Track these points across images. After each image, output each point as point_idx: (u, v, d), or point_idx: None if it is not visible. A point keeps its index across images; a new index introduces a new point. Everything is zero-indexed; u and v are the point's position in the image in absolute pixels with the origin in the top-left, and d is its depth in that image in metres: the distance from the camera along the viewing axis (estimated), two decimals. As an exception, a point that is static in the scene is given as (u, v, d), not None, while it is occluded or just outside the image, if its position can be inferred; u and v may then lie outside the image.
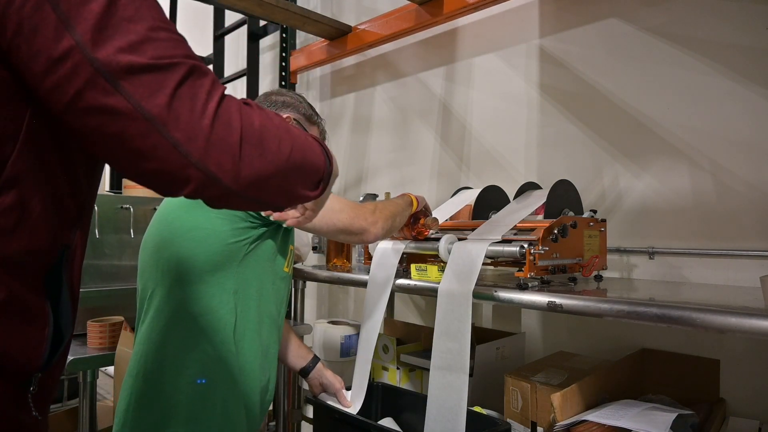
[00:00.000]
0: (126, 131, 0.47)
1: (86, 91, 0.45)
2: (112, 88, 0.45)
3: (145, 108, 0.46)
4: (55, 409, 1.97)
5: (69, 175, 0.55)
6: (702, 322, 0.80)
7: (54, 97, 0.46)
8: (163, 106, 0.47)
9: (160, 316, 1.11)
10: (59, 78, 0.45)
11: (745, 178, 1.28)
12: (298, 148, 0.61)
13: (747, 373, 1.24)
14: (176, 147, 0.48)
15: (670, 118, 1.40)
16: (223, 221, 1.10)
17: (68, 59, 0.45)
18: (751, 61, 1.27)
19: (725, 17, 1.31)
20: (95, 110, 0.46)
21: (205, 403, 1.07)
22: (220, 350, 1.09)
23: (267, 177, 0.55)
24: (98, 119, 0.46)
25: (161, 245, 1.15)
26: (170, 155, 0.48)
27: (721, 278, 1.30)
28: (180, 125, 0.48)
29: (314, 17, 2.10)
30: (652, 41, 1.43)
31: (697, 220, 1.34)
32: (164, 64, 0.48)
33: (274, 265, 1.18)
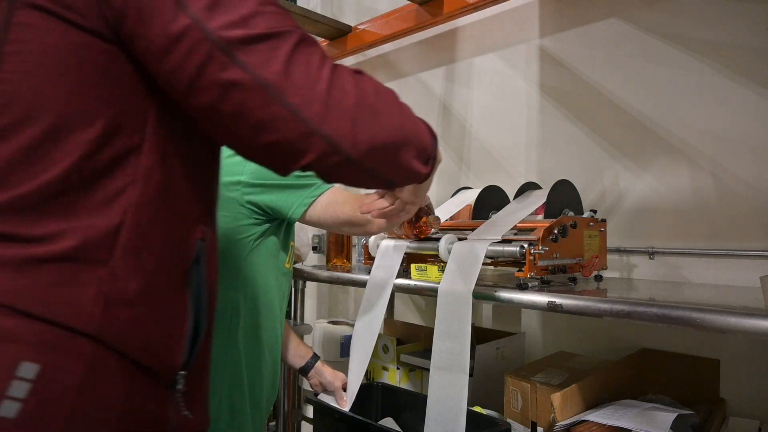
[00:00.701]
0: (246, 103, 0.48)
1: (206, 67, 0.46)
2: (229, 61, 0.46)
3: (262, 76, 0.47)
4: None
5: (196, 168, 0.57)
6: (702, 322, 0.80)
7: (175, 78, 0.48)
8: (279, 73, 0.48)
9: None
10: (179, 57, 0.46)
11: (746, 178, 1.28)
12: (408, 119, 0.60)
13: (747, 373, 1.24)
14: (295, 114, 0.48)
15: (670, 118, 1.40)
16: (228, 218, 1.10)
17: (186, 37, 0.46)
18: (751, 61, 1.27)
19: (725, 17, 1.31)
20: (215, 85, 0.47)
21: (212, 400, 1.07)
22: (225, 347, 1.10)
23: (383, 144, 0.54)
24: (218, 94, 0.47)
25: None
26: (289, 123, 0.48)
27: (721, 278, 1.29)
28: (297, 90, 0.48)
29: (314, 17, 2.10)
30: (652, 41, 1.43)
31: (697, 220, 1.34)
32: (276, 32, 0.48)
33: (278, 261, 1.19)
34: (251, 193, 1.10)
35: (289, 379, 1.90)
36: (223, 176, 1.11)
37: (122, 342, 0.49)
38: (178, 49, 0.46)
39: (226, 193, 1.10)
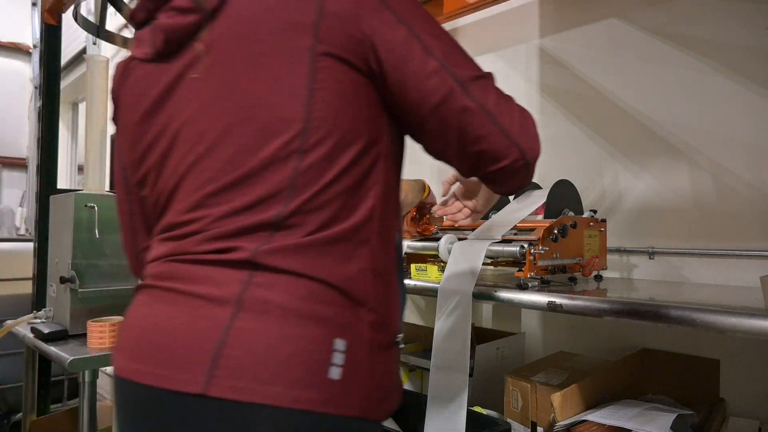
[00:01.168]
0: (471, 123, 0.64)
1: (449, 97, 0.63)
2: (465, 93, 0.63)
3: (486, 105, 0.64)
4: (55, 409, 1.97)
5: (399, 171, 0.72)
6: (702, 322, 0.80)
7: (421, 105, 0.63)
8: (493, 102, 0.65)
9: None
10: (427, 90, 0.62)
11: (746, 178, 1.28)
12: None
13: (747, 373, 1.24)
14: (503, 131, 0.65)
15: (670, 118, 1.40)
16: None
17: (435, 76, 0.62)
18: (751, 61, 1.27)
19: (725, 17, 1.31)
20: (454, 110, 0.63)
21: None
22: None
23: (539, 155, 0.69)
24: (454, 116, 0.64)
25: None
26: (499, 138, 0.65)
27: (721, 278, 1.29)
28: (504, 115, 0.65)
29: (314, 17, 2.09)
30: (652, 41, 1.43)
31: (697, 220, 1.34)
32: (485, 74, 0.67)
33: None
34: None
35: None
36: None
37: (378, 308, 0.62)
38: (427, 84, 0.62)
39: None
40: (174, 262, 0.61)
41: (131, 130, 0.68)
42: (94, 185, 1.68)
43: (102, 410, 1.50)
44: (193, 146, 0.61)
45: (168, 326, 0.57)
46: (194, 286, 0.57)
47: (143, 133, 0.66)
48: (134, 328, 0.62)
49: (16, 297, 2.40)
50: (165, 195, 0.65)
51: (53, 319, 1.61)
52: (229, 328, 0.54)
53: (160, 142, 0.65)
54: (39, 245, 1.87)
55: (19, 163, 6.38)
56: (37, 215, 1.88)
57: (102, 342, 1.40)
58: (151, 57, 0.65)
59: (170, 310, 0.58)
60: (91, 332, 1.41)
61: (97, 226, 1.52)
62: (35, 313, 1.70)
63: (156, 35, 0.64)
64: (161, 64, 0.64)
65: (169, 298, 0.59)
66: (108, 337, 1.41)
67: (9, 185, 6.46)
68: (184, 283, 0.59)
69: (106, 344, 1.40)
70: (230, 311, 0.55)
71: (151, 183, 0.67)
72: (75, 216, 1.50)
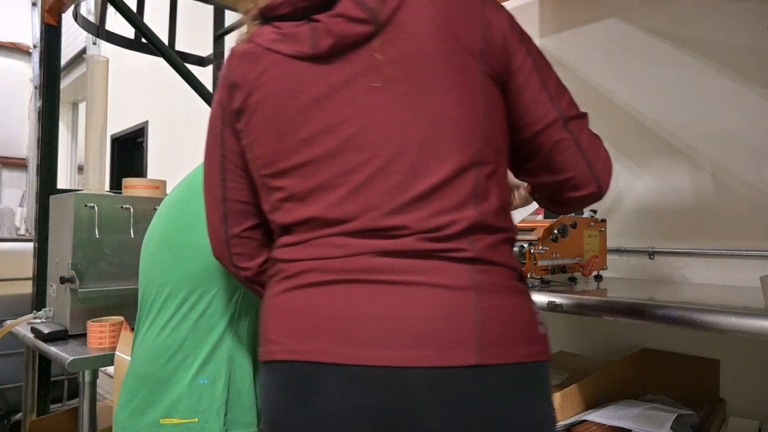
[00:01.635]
0: (562, 152, 0.73)
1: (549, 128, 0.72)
2: (564, 128, 0.73)
3: (579, 140, 0.74)
4: (55, 409, 1.97)
5: None
6: (702, 322, 0.80)
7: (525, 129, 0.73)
8: (586, 139, 0.74)
9: (170, 303, 1.12)
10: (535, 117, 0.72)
11: (745, 178, 1.28)
12: None
13: (747, 373, 1.24)
14: (589, 165, 0.74)
15: (669, 118, 1.40)
16: None
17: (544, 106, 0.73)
18: (751, 61, 1.27)
19: (725, 17, 1.31)
20: (550, 139, 0.73)
21: (216, 386, 1.09)
22: (234, 334, 1.11)
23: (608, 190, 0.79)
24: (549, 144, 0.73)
25: (174, 235, 1.15)
26: (583, 170, 0.74)
27: (721, 278, 1.29)
28: (592, 152, 0.74)
29: (314, 17, 2.09)
30: (652, 41, 1.43)
31: (697, 220, 1.34)
32: (582, 113, 0.76)
33: None
34: None
35: (289, 379, 1.90)
36: None
37: None
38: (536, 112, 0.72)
39: None
40: (388, 257, 0.65)
41: (278, 122, 0.69)
42: (94, 185, 1.68)
43: (102, 410, 1.50)
44: (379, 150, 0.66)
45: (420, 314, 0.62)
46: (427, 278, 0.64)
47: (298, 126, 0.68)
48: (346, 318, 0.63)
49: (16, 297, 2.40)
50: (327, 189, 0.67)
51: (53, 319, 1.61)
52: (479, 308, 0.63)
53: (322, 139, 0.67)
54: (39, 245, 1.87)
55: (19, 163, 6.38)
56: (37, 215, 1.88)
57: (102, 342, 1.40)
58: (305, 56, 0.67)
59: (411, 299, 0.63)
60: (91, 332, 1.41)
61: (97, 226, 1.52)
62: (35, 313, 1.70)
63: (320, 37, 0.66)
64: (319, 64, 0.67)
65: (401, 290, 0.63)
66: (108, 337, 1.40)
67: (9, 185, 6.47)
68: (413, 276, 0.64)
69: (106, 344, 1.40)
70: (472, 295, 0.63)
71: (303, 175, 0.69)
72: (75, 216, 1.50)
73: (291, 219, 0.70)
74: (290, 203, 0.70)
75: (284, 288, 0.70)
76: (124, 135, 4.76)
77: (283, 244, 0.72)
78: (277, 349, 0.67)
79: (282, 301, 0.69)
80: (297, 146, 0.69)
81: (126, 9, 2.15)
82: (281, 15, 0.70)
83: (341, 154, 0.67)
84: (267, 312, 0.71)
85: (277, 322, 0.68)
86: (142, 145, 4.45)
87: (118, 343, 1.37)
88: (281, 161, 0.70)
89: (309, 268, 0.68)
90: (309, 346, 0.64)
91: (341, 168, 0.67)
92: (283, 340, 0.67)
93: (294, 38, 0.68)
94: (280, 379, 0.66)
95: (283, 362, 0.66)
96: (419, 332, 0.61)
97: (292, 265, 0.70)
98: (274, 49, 0.69)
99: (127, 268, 1.60)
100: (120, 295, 1.57)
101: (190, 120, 3.61)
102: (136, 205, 1.60)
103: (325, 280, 0.66)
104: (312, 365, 0.63)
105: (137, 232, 1.60)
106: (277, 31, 0.70)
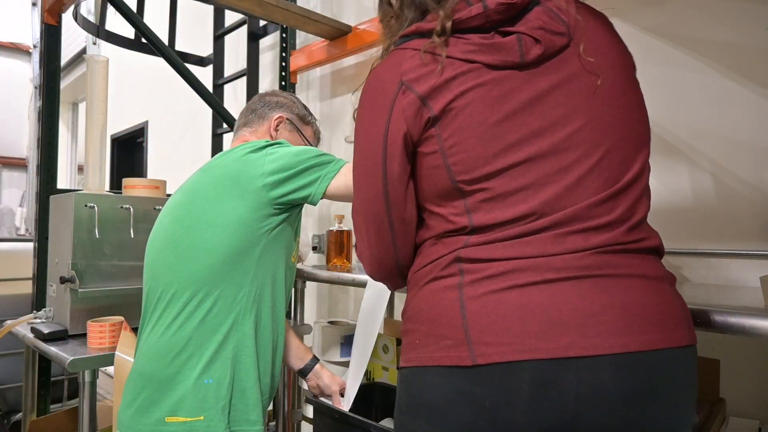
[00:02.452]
0: None
1: None
2: None
3: None
4: (55, 408, 1.97)
5: None
6: (702, 322, 0.80)
7: None
8: None
9: (174, 303, 1.12)
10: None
11: (745, 178, 1.28)
12: None
13: (747, 373, 1.24)
14: None
15: (669, 118, 1.40)
16: (249, 208, 1.11)
17: None
18: (751, 61, 1.27)
19: (725, 17, 1.31)
20: None
21: (222, 384, 1.09)
22: (238, 334, 1.12)
23: None
24: None
25: (180, 234, 1.15)
26: None
27: (721, 278, 1.30)
28: None
29: (314, 17, 2.10)
30: (651, 41, 1.43)
31: (697, 220, 1.34)
32: None
33: (290, 253, 1.21)
34: (274, 184, 1.12)
35: (289, 379, 1.90)
36: (247, 169, 1.12)
37: None
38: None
39: (249, 184, 1.12)
40: (607, 254, 0.70)
41: (485, 128, 0.72)
42: (94, 185, 1.68)
43: (102, 410, 1.50)
44: (591, 149, 0.71)
45: (646, 302, 0.69)
46: (637, 270, 0.71)
47: (508, 130, 0.71)
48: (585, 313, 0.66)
49: (16, 297, 2.40)
50: (540, 187, 0.71)
51: (53, 319, 1.61)
52: (675, 294, 0.73)
53: (535, 141, 0.71)
54: (39, 245, 1.87)
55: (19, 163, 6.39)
56: (37, 215, 1.88)
57: (102, 342, 1.40)
58: (512, 65, 0.72)
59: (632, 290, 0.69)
60: (90, 332, 1.41)
61: (97, 226, 1.52)
62: (35, 313, 1.70)
63: (528, 47, 0.71)
64: (525, 72, 0.72)
65: (621, 282, 0.69)
66: (108, 337, 1.41)
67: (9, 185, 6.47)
68: (627, 269, 0.70)
69: (106, 344, 1.40)
70: (667, 283, 0.73)
71: (512, 176, 0.71)
72: (75, 216, 1.50)
73: (494, 219, 0.71)
74: (494, 203, 0.72)
75: (492, 289, 0.69)
76: (124, 135, 4.76)
77: (474, 243, 0.72)
78: (502, 350, 0.66)
79: (495, 301, 0.68)
80: (506, 149, 0.71)
81: (126, 9, 2.15)
82: (471, 27, 0.73)
83: (554, 154, 0.71)
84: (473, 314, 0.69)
85: (496, 324, 0.67)
86: (142, 145, 4.45)
87: (118, 343, 1.37)
88: (488, 164, 0.71)
89: (522, 266, 0.69)
90: (547, 344, 0.65)
91: (555, 166, 0.71)
92: (511, 341, 0.66)
93: (498, 48, 0.72)
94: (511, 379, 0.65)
95: (517, 363, 0.65)
96: (649, 319, 0.68)
97: (492, 264, 0.70)
98: (472, 60, 0.72)
99: (127, 268, 1.60)
100: (120, 295, 1.57)
101: (190, 120, 3.61)
102: (136, 205, 1.60)
103: (548, 279, 0.68)
104: (556, 362, 0.65)
105: (137, 232, 1.60)
106: (471, 42, 0.73)
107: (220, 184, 1.14)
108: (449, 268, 0.73)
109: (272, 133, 1.33)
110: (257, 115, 1.34)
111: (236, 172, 1.13)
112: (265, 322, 1.16)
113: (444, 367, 0.69)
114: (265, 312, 1.16)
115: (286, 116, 1.34)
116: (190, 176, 1.25)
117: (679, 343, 0.69)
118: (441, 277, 0.73)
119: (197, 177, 1.22)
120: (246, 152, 1.15)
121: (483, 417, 0.66)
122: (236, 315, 1.12)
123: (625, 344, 0.66)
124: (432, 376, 0.70)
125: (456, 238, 0.74)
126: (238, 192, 1.12)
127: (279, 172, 1.12)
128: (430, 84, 0.73)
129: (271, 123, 1.32)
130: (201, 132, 3.24)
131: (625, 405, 0.66)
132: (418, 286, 0.77)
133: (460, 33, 0.74)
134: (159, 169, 4.12)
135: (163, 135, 4.13)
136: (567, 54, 0.73)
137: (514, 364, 0.65)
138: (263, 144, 1.17)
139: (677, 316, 0.70)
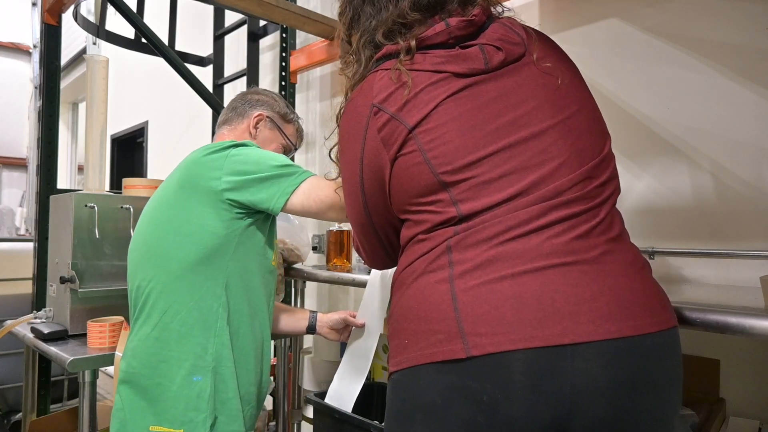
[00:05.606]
0: None
1: None
2: None
3: None
4: (55, 408, 1.97)
5: None
6: (702, 322, 0.80)
7: None
8: None
9: (153, 312, 1.12)
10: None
11: (745, 178, 1.28)
12: None
13: (747, 373, 1.24)
14: None
15: (670, 118, 1.40)
16: (212, 215, 1.11)
17: None
18: (751, 61, 1.27)
19: (725, 17, 1.31)
20: None
21: (202, 396, 1.08)
22: (215, 344, 1.10)
23: None
24: None
25: (152, 242, 1.16)
26: None
27: (721, 278, 1.29)
28: None
29: (314, 17, 2.10)
30: (652, 41, 1.43)
31: (697, 220, 1.34)
32: None
33: (264, 258, 1.19)
34: (231, 189, 1.10)
35: (289, 379, 1.90)
36: (205, 172, 1.12)
37: None
38: None
39: (208, 187, 1.11)
40: (587, 237, 0.72)
41: (460, 123, 0.75)
42: (94, 185, 1.68)
43: (102, 410, 1.50)
44: (567, 135, 0.76)
45: (632, 288, 0.71)
46: (620, 256, 0.73)
47: (485, 121, 0.75)
48: (576, 300, 0.67)
49: (16, 297, 2.40)
50: (522, 172, 0.73)
51: (53, 319, 1.61)
52: (654, 280, 0.75)
53: (511, 130, 0.75)
54: (39, 245, 1.86)
55: (19, 163, 6.39)
56: (37, 215, 1.87)
57: (102, 342, 1.40)
58: (478, 71, 0.77)
59: (618, 276, 0.70)
60: (90, 332, 1.41)
61: (97, 226, 1.52)
62: (35, 313, 1.70)
63: (492, 55, 0.78)
64: (487, 76, 0.78)
65: (606, 268, 0.71)
66: (108, 337, 1.40)
67: (9, 185, 6.47)
68: (610, 255, 0.72)
69: (106, 344, 1.40)
70: (647, 268, 0.76)
71: (494, 162, 0.74)
72: (75, 216, 1.50)
73: (482, 204, 0.72)
74: (480, 189, 0.73)
75: (484, 280, 0.69)
76: (124, 135, 4.76)
77: (464, 229, 0.72)
78: (496, 340, 0.65)
79: (488, 292, 0.68)
80: (485, 138, 0.74)
81: (126, 9, 2.15)
82: (436, 44, 0.80)
83: (533, 138, 0.75)
84: (465, 305, 0.69)
85: (489, 314, 0.67)
86: (142, 145, 4.45)
87: (118, 343, 1.37)
88: (469, 154, 0.74)
89: (511, 252, 0.70)
90: (542, 332, 0.65)
91: (535, 150, 0.74)
92: (505, 330, 0.66)
93: (464, 58, 0.78)
94: (507, 370, 0.65)
95: (512, 352, 0.65)
96: (639, 303, 0.69)
97: (482, 250, 0.71)
98: (441, 70, 0.78)
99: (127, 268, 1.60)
100: (120, 295, 1.57)
101: (190, 120, 3.61)
102: (136, 205, 1.60)
103: (538, 267, 0.69)
104: (551, 350, 0.65)
105: (137, 232, 1.60)
106: (437, 55, 0.79)
107: (182, 190, 1.14)
108: (438, 260, 0.73)
109: (251, 131, 1.32)
110: (237, 113, 1.34)
111: (195, 176, 1.13)
112: (243, 330, 1.15)
113: (437, 363, 0.68)
114: (241, 320, 1.15)
115: (266, 114, 1.33)
116: (164, 181, 1.26)
117: (668, 325, 0.71)
118: (430, 271, 0.73)
119: (166, 181, 1.22)
120: (206, 153, 1.14)
121: (481, 413, 0.66)
122: (211, 324, 1.11)
123: (620, 329, 0.66)
124: (426, 375, 0.69)
125: (445, 229, 0.74)
126: (199, 198, 1.11)
127: (237, 175, 1.10)
128: (402, 100, 0.77)
129: (251, 121, 1.32)
130: (201, 132, 3.24)
131: (621, 392, 0.67)
132: (405, 286, 0.77)
133: (426, 50, 0.80)
134: (159, 169, 4.12)
135: (163, 135, 4.13)
136: (524, 62, 0.79)
137: (508, 354, 0.65)
138: (227, 144, 1.15)
139: (662, 299, 0.74)
